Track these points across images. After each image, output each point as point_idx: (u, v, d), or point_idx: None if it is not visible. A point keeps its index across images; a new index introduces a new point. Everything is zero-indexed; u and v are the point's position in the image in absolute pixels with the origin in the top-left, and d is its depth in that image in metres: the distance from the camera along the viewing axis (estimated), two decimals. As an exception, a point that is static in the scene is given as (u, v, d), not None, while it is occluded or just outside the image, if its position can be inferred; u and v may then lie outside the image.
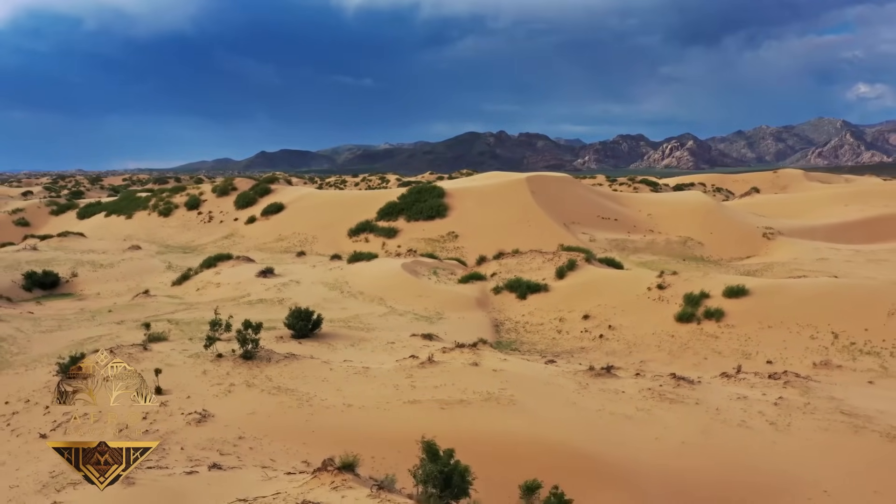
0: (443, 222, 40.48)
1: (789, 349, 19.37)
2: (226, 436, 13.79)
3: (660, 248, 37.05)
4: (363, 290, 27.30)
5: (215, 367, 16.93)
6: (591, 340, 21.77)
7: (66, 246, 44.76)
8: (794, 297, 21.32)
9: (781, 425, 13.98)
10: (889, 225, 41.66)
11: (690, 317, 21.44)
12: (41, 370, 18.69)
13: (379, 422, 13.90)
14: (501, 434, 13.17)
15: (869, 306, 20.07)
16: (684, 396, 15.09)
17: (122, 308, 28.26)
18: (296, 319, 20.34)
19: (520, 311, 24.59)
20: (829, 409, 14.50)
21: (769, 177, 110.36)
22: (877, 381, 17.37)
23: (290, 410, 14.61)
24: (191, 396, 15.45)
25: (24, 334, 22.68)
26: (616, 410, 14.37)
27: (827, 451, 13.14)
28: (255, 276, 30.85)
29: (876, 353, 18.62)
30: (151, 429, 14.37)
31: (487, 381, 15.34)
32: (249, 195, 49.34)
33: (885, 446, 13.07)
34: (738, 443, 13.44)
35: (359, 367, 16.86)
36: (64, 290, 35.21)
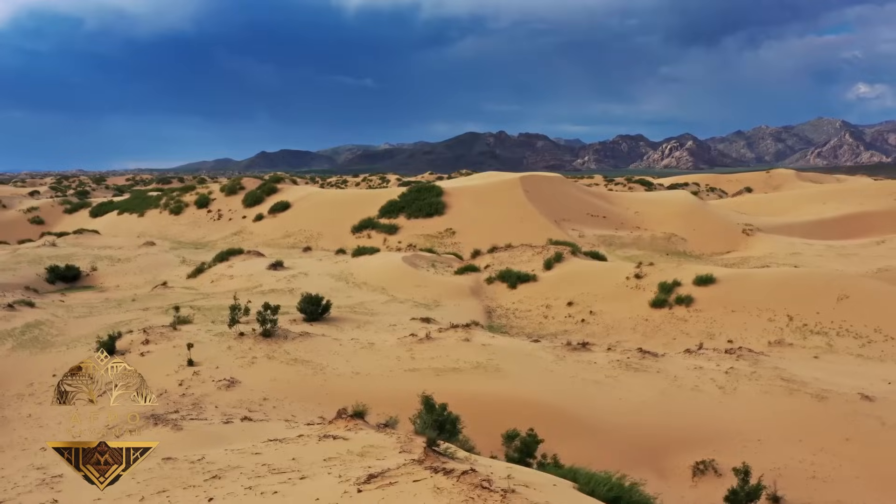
0: (441, 219, 42.82)
1: (749, 330, 21.67)
2: (252, 397, 16.11)
3: (645, 244, 39.38)
4: (367, 280, 29.57)
5: (238, 343, 19.24)
6: (573, 324, 24.06)
7: (82, 242, 46.99)
8: (756, 284, 23.63)
9: (729, 389, 16.27)
10: (862, 222, 44.02)
11: (663, 303, 23.73)
12: (81, 348, 20.97)
13: (383, 386, 16.20)
14: (488, 394, 15.47)
15: (821, 293, 22.35)
16: (648, 366, 17.39)
17: (144, 298, 30.53)
18: (307, 304, 22.62)
19: (510, 299, 26.88)
20: (771, 377, 16.79)
21: (762, 177, 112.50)
22: (822, 356, 19.68)
23: (306, 378, 16.92)
24: (219, 367, 17.76)
25: (61, 319, 24.96)
26: (587, 377, 16.68)
27: (764, 408, 15.43)
28: (265, 269, 33.10)
29: (824, 332, 20.92)
30: (188, 392, 16.69)
31: (477, 353, 17.64)
32: (257, 194, 51.69)
33: (812, 405, 15.36)
34: (690, 402, 15.75)
35: (365, 343, 19.18)
36: (85, 283, 37.41)
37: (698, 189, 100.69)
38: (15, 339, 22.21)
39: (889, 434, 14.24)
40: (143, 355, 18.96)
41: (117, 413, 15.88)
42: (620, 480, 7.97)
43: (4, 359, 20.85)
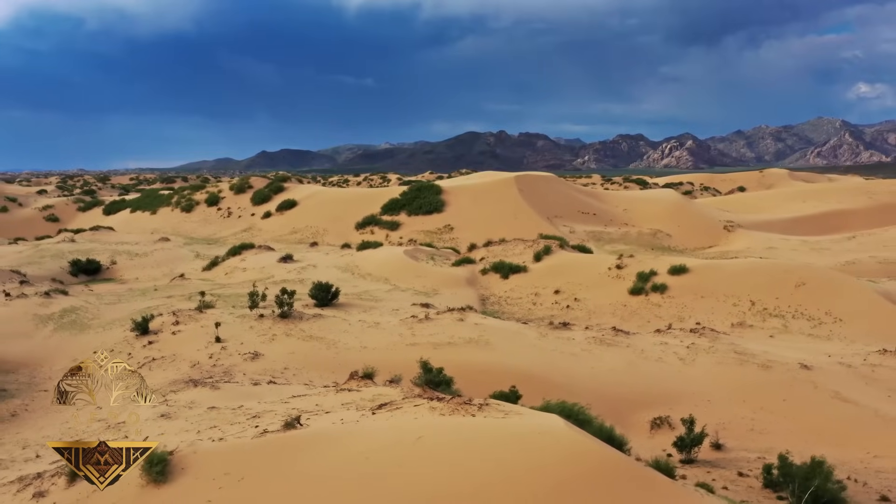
0: (440, 216, 45.31)
1: (716, 314, 24.12)
2: (274, 367, 18.56)
3: (632, 239, 41.83)
4: (371, 272, 32.02)
5: (259, 323, 21.69)
6: (559, 310, 26.50)
7: (99, 238, 49.44)
8: (723, 274, 26.08)
9: (688, 360, 18.72)
10: (837, 219, 46.46)
11: (640, 290, 26.16)
12: (117, 330, 23.44)
13: (387, 357, 18.61)
14: (478, 363, 17.90)
15: (781, 281, 24.79)
16: (619, 342, 19.85)
17: (165, 288, 32.98)
18: (318, 291, 25.08)
19: (503, 288, 29.32)
20: (726, 351, 19.23)
21: (756, 176, 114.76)
22: (777, 335, 22.14)
23: (320, 351, 19.37)
24: (243, 343, 20.20)
25: (93, 305, 27.40)
26: (566, 350, 19.13)
27: (717, 376, 17.87)
28: (276, 262, 35.55)
29: (781, 315, 23.37)
30: (218, 364, 19.14)
31: (470, 330, 20.10)
32: (265, 192, 54.18)
33: (758, 373, 17.81)
34: (654, 371, 18.20)
35: (371, 323, 21.65)
36: (105, 276, 39.85)
37: (692, 188, 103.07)
38: (55, 322, 24.66)
39: (819, 395, 16.69)
40: (175, 334, 21.41)
41: (159, 378, 18.52)
42: (571, 406, 10.40)
43: (48, 339, 23.33)
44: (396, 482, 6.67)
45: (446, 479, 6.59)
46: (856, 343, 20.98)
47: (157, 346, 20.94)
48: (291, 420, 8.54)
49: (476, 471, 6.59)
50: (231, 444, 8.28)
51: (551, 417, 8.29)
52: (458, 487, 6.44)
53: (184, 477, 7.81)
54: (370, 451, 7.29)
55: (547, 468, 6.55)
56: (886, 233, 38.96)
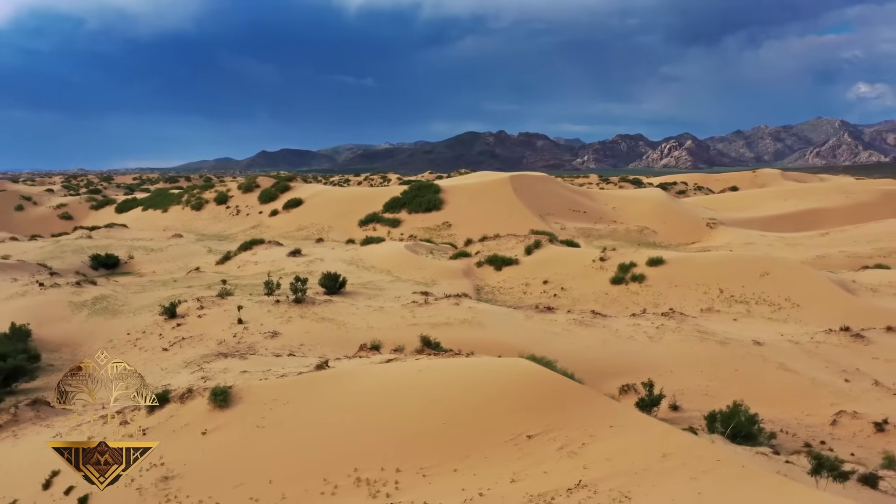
0: (438, 214, 47.90)
1: (687, 300, 26.64)
2: (291, 343, 21.07)
3: (620, 235, 44.34)
4: (374, 264, 34.55)
5: (276, 307, 24.21)
6: (547, 298, 29.01)
7: (114, 235, 51.96)
8: (696, 265, 28.60)
9: (656, 338, 21.24)
10: (814, 216, 49.01)
11: (621, 280, 28.67)
12: (146, 315, 25.93)
13: (391, 335, 21.09)
14: (470, 339, 20.39)
15: (747, 271, 27.29)
16: (596, 323, 22.38)
17: (183, 280, 35.50)
18: (327, 280, 27.58)
19: (496, 279, 31.85)
20: (690, 331, 21.76)
21: (749, 176, 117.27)
22: (740, 319, 24.66)
23: (332, 330, 21.88)
24: (263, 324, 22.71)
25: (121, 294, 29.90)
26: (548, 329, 21.66)
27: (679, 350, 20.38)
28: (285, 256, 38.06)
29: (746, 302, 25.90)
30: (242, 341, 21.66)
31: (464, 313, 22.62)
32: (272, 191, 56.77)
33: (716, 348, 20.33)
34: (625, 346, 20.72)
35: (376, 307, 24.18)
36: (124, 270, 42.31)
37: (686, 188, 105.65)
38: (89, 308, 27.16)
39: (767, 366, 19.22)
40: (201, 317, 23.93)
41: (190, 353, 21.09)
42: (540, 358, 12.91)
43: (84, 323, 25.83)
44: (405, 395, 9.17)
45: (440, 388, 9.09)
46: (809, 325, 23.50)
47: (185, 327, 23.44)
48: (321, 363, 11.04)
49: (462, 383, 9.09)
50: (275, 381, 10.80)
51: (522, 360, 10.81)
52: (448, 392, 8.93)
53: (240, 403, 10.34)
54: (384, 380, 9.79)
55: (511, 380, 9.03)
56: (857, 229, 41.44)
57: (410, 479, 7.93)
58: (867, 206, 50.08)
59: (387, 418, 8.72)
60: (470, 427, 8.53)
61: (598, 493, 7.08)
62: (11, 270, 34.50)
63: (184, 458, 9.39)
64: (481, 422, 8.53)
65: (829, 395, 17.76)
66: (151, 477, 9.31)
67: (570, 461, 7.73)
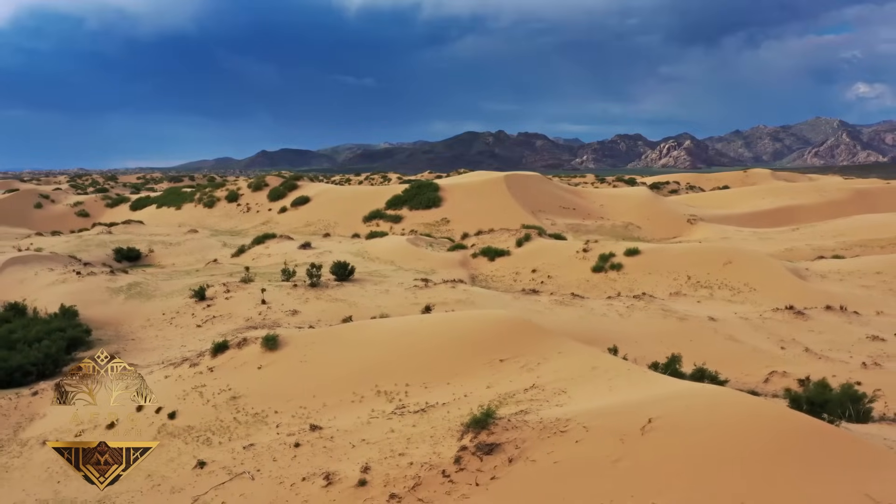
0: (437, 211, 51.27)
1: (658, 286, 29.91)
2: (310, 319, 24.33)
3: (606, 231, 47.61)
4: (379, 256, 37.83)
5: (294, 291, 27.49)
6: (535, 285, 32.27)
7: (132, 230, 55.23)
8: (668, 254, 31.88)
9: (626, 316, 24.50)
10: (788, 213, 52.34)
11: (601, 268, 31.95)
12: (177, 298, 29.19)
13: (396, 313, 24.34)
14: (464, 316, 23.69)
15: (713, 259, 30.57)
16: (574, 303, 25.66)
17: (204, 270, 38.77)
18: (337, 268, 30.84)
19: (489, 268, 35.13)
20: (656, 309, 25.03)
21: (740, 176, 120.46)
22: (703, 301, 27.95)
23: (344, 309, 25.14)
24: (284, 304, 25.99)
25: (152, 281, 33.17)
26: (532, 308, 24.92)
27: (645, 325, 23.63)
28: (296, 249, 41.35)
29: (709, 286, 29.18)
30: (266, 318, 24.93)
31: (460, 294, 25.90)
32: (280, 190, 60.12)
33: (676, 323, 23.59)
34: (598, 322, 23.98)
35: (382, 290, 27.47)
36: (145, 262, 45.58)
37: (678, 187, 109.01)
38: (125, 293, 30.43)
39: (717, 337, 22.49)
40: (228, 299, 27.21)
41: (222, 328, 24.38)
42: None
43: (122, 305, 29.08)
44: (411, 336, 12.42)
45: (438, 330, 12.36)
46: (762, 306, 26.79)
47: (214, 308, 26.72)
48: (346, 318, 14.30)
49: (453, 325, 12.34)
50: (312, 330, 14.07)
51: (499, 311, 14.11)
52: (443, 332, 12.18)
53: (286, 347, 13.61)
54: (396, 326, 13.06)
55: (490, 323, 12.30)
56: (825, 225, 44.68)
57: (416, 390, 11.15)
58: (838, 203, 53.46)
59: (398, 351, 11.95)
60: (458, 355, 11.78)
61: (545, 390, 10.28)
62: (47, 261, 37.75)
63: (245, 385, 12.59)
64: (467, 351, 11.79)
65: (766, 359, 21.01)
66: (222, 398, 12.53)
67: (529, 374, 10.95)
